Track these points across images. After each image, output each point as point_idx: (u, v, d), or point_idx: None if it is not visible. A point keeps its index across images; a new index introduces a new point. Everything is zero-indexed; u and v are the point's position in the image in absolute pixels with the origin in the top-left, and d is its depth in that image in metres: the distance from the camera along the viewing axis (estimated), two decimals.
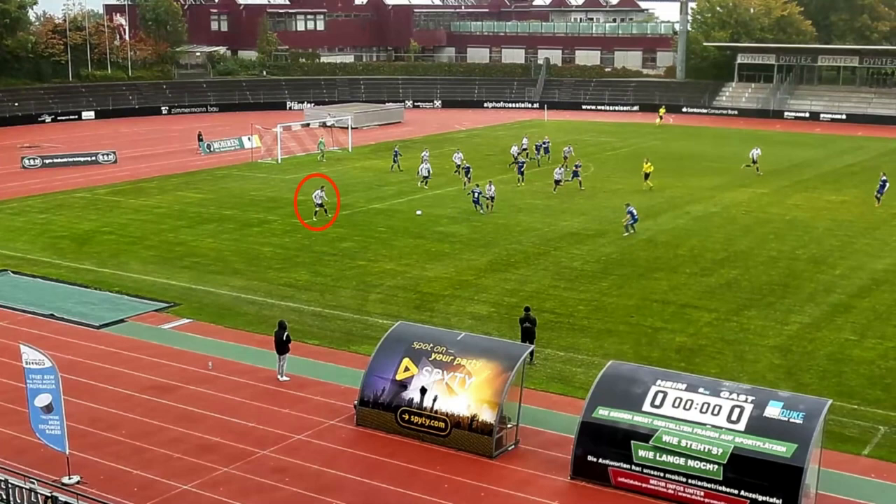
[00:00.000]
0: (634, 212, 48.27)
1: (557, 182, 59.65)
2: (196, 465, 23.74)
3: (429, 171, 61.57)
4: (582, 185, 60.68)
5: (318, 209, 51.36)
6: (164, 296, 37.97)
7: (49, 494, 20.26)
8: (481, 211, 52.81)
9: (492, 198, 53.58)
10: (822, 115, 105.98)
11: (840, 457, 24.16)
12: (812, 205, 56.73)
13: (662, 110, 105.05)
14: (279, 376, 29.28)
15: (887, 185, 57.11)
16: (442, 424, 24.80)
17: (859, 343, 32.97)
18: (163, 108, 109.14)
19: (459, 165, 62.57)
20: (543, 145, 73.26)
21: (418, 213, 52.73)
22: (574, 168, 61.76)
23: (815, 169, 71.01)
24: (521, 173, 62.53)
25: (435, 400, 24.95)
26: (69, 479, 22.58)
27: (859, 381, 29.61)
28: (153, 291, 38.58)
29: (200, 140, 79.59)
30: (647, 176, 61.53)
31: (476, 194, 53.24)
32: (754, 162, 68.30)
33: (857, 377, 29.96)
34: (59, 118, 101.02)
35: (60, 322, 34.94)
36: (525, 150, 72.86)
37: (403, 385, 25.46)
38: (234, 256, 44.27)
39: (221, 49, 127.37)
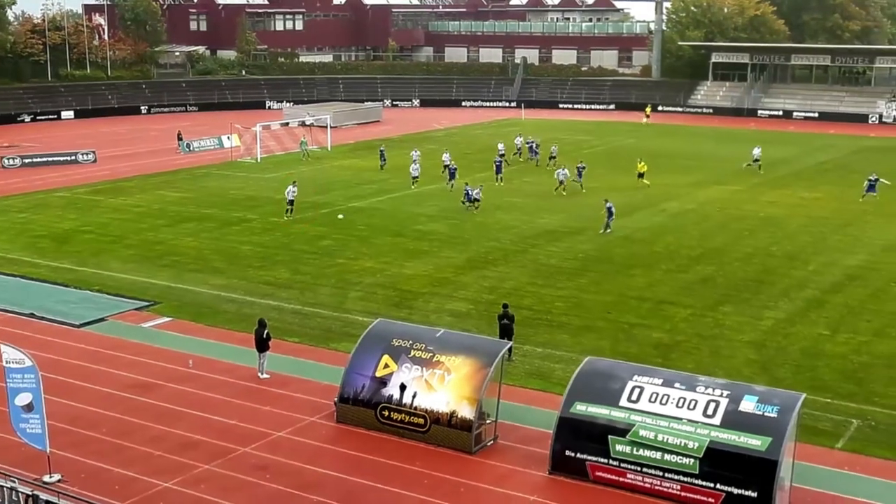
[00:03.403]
0: (612, 208, 48.18)
1: (561, 183, 58.39)
2: (177, 463, 23.64)
3: (418, 171, 61.22)
4: (583, 186, 59.52)
5: (289, 207, 51.15)
6: (145, 294, 37.79)
7: (30, 493, 20.13)
8: (474, 209, 52.46)
9: (477, 199, 53.00)
10: (795, 114, 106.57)
11: (814, 450, 24.30)
12: (786, 202, 57.04)
13: (648, 109, 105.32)
14: (260, 374, 29.21)
15: (877, 184, 57.48)
16: (421, 421, 24.79)
17: (832, 338, 33.17)
18: (142, 108, 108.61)
19: (447, 166, 62.28)
20: (530, 145, 72.95)
21: (340, 216, 51.36)
22: (577, 168, 60.63)
23: (789, 166, 71.39)
24: (500, 172, 62.34)
25: (414, 396, 24.95)
26: (50, 477, 22.45)
27: (832, 376, 29.80)
28: (133, 290, 38.39)
29: (180, 139, 79.25)
30: (641, 175, 61.46)
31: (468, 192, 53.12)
32: (756, 160, 68.23)
33: (831, 371, 30.14)
34: (38, 118, 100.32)
35: (41, 321, 34.71)
36: (520, 149, 72.57)
37: (383, 382, 25.44)
38: (214, 255, 44.11)
39: (200, 49, 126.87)
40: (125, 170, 68.35)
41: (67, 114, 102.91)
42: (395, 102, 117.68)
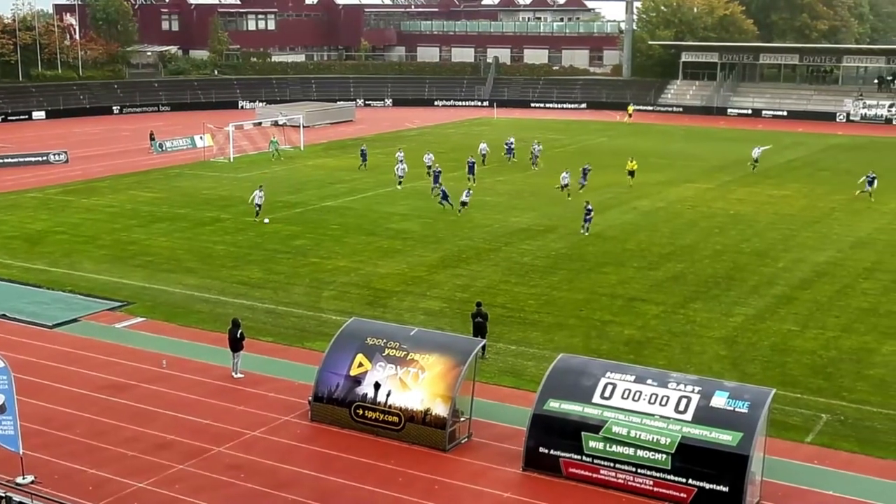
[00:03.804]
0: (591, 208, 47.85)
1: (565, 186, 56.71)
2: (151, 463, 23.52)
3: (404, 171, 60.62)
4: (582, 189, 58.43)
5: (258, 209, 50.61)
6: (118, 295, 37.57)
7: (3, 495, 20.00)
8: (460, 210, 51.66)
9: (464, 203, 51.92)
10: (763, 112, 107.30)
11: (784, 444, 24.49)
12: (755, 199, 57.41)
13: (631, 108, 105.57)
14: (233, 373, 29.11)
15: (876, 181, 57.68)
16: (396, 419, 24.79)
17: (801, 334, 33.42)
18: (114, 108, 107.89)
19: (430, 167, 61.97)
20: (508, 145, 72.55)
21: (266, 221, 50.03)
22: (583, 169, 59.52)
23: (758, 164, 71.76)
24: (472, 172, 61.73)
25: (389, 395, 24.94)
26: (23, 479, 22.28)
27: (802, 371, 30.03)
28: (106, 290, 38.15)
29: (152, 139, 78.79)
30: (631, 174, 61.18)
31: (444, 193, 52.36)
32: (755, 161, 68.31)
33: (800, 367, 30.37)
34: (9, 118, 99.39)
35: (13, 322, 34.42)
36: (513, 150, 72.09)
37: (357, 380, 25.41)
38: (187, 255, 43.90)
39: (173, 49, 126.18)
40: (97, 170, 67.90)
41: (39, 114, 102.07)
42: (367, 102, 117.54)
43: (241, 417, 26.27)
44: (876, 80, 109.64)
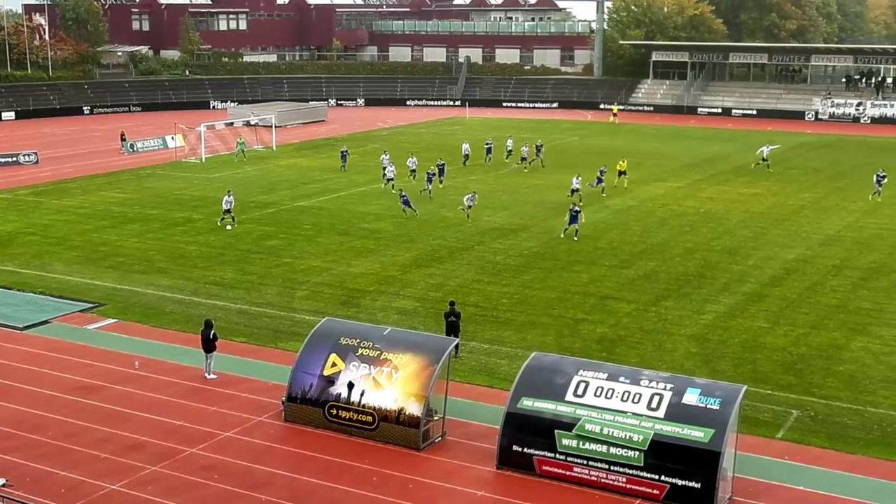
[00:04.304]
0: (579, 210, 47.06)
1: (575, 191, 54.54)
2: (124, 465, 23.38)
3: (393, 173, 59.34)
4: (602, 192, 57.75)
5: (225, 215, 49.16)
6: (89, 296, 37.31)
7: None
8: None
9: (469, 207, 50.71)
10: (733, 111, 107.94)
11: (755, 440, 24.65)
12: (725, 197, 57.74)
13: (615, 108, 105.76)
14: (206, 374, 28.98)
15: (885, 179, 57.44)
16: (370, 418, 24.77)
17: (772, 330, 33.65)
18: (84, 109, 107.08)
19: (414, 170, 61.57)
20: (488, 146, 71.52)
21: (228, 227, 48.21)
22: (599, 174, 58.26)
23: (728, 163, 72.27)
24: (442, 173, 61.19)
25: (362, 394, 24.91)
26: None
27: (772, 367, 30.24)
28: (78, 292, 37.88)
29: (123, 140, 78.27)
30: (622, 173, 60.47)
31: (405, 199, 51.28)
32: (765, 159, 68.18)
33: (770, 363, 30.58)
34: None
35: None
36: (510, 151, 71.14)
37: (331, 380, 25.37)
38: (159, 256, 43.66)
39: (143, 49, 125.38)
40: (68, 171, 67.38)
41: (8, 115, 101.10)
42: (339, 102, 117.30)
43: (214, 418, 26.16)
44: (844, 79, 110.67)
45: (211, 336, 28.76)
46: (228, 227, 48.41)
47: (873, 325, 34.35)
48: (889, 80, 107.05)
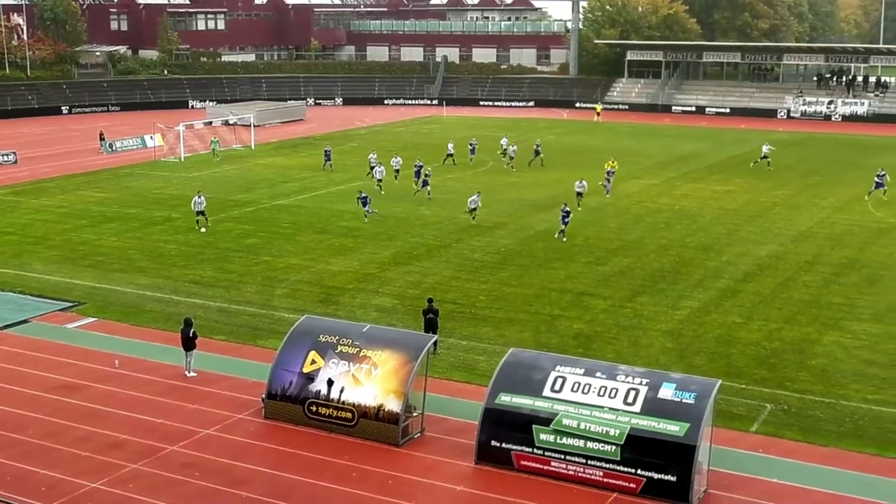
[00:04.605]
0: (569, 211, 46.38)
1: (579, 195, 53.21)
2: (104, 463, 23.27)
3: (382, 174, 58.64)
4: (608, 192, 57.24)
5: (198, 217, 48.28)
6: (69, 295, 37.10)
7: None
8: (366, 219, 49.48)
9: (473, 209, 49.34)
10: (707, 109, 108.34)
11: (729, 434, 24.77)
12: (699, 195, 57.99)
13: (599, 107, 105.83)
14: (186, 372, 28.88)
15: (887, 178, 56.46)
16: (349, 415, 24.75)
17: (745, 325, 33.84)
18: (63, 108, 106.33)
19: (398, 171, 61.23)
20: (472, 146, 70.92)
21: (202, 230, 47.28)
22: (607, 175, 58.09)
23: (702, 160, 72.60)
24: (419, 176, 60.21)
25: (342, 391, 24.89)
26: None
27: (746, 362, 30.41)
28: (57, 291, 37.66)
29: (102, 139, 77.81)
30: (610, 173, 59.44)
31: (363, 200, 50.12)
32: (764, 157, 68.11)
33: (744, 358, 30.76)
34: None
35: None
36: (505, 150, 70.34)
37: (310, 377, 25.33)
38: (138, 254, 43.46)
39: (122, 49, 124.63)
40: (46, 170, 66.93)
41: None
42: (318, 101, 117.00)
43: (194, 416, 26.07)
44: (815, 78, 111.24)
45: (191, 334, 28.65)
46: (203, 229, 47.64)
47: (845, 319, 34.59)
48: (859, 78, 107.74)
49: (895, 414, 26.56)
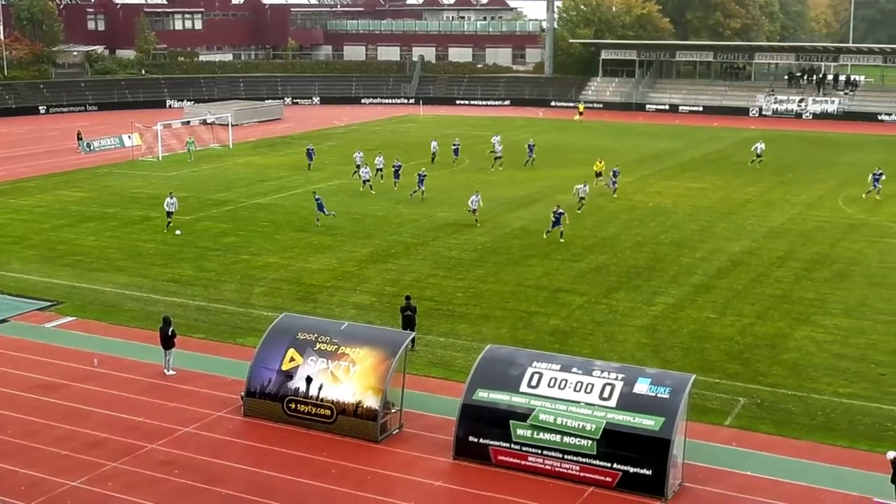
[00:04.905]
0: (562, 212, 45.13)
1: (581, 199, 51.72)
2: (84, 462, 23.14)
3: (368, 174, 58.03)
4: (615, 192, 56.51)
5: (170, 219, 47.56)
6: (47, 295, 36.85)
7: None
8: (318, 223, 48.09)
9: (474, 210, 48.28)
10: (680, 107, 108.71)
11: (704, 428, 24.89)
12: (673, 192, 58.20)
13: (581, 106, 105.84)
14: (166, 371, 28.75)
15: (883, 176, 56.27)
16: (328, 412, 24.71)
17: (719, 321, 34.00)
18: (40, 108, 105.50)
19: (381, 169, 61.05)
20: (455, 147, 70.01)
21: (178, 232, 46.83)
22: (612, 175, 57.34)
23: (675, 158, 72.87)
24: (397, 178, 58.75)
25: (321, 388, 24.84)
26: None
27: (720, 357, 30.56)
28: (36, 290, 37.40)
29: (80, 139, 77.28)
30: (598, 174, 59.56)
31: (318, 203, 48.70)
32: (759, 156, 68.09)
33: (718, 353, 30.91)
34: None
35: None
36: (494, 149, 70.13)
37: (289, 375, 25.28)
38: (116, 254, 43.21)
39: (99, 48, 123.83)
40: (24, 170, 66.41)
41: None
42: (295, 100, 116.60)
43: (173, 414, 25.96)
44: (786, 77, 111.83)
45: (170, 333, 28.52)
46: (178, 231, 46.80)
47: (816, 314, 34.82)
48: (830, 77, 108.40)
49: (866, 407, 26.79)
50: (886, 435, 24.75)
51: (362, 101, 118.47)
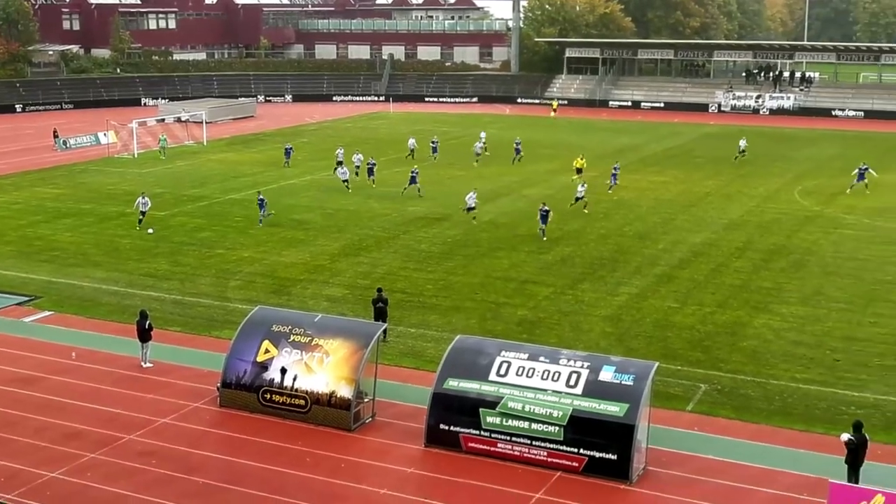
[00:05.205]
0: (548, 209, 44.68)
1: (579, 199, 50.36)
2: (62, 453, 22.96)
3: (346, 174, 56.65)
4: (611, 188, 55.89)
5: (142, 218, 46.57)
6: (25, 289, 36.50)
7: None
8: (261, 224, 46.77)
9: (471, 208, 47.36)
10: (642, 104, 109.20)
11: (666, 413, 25.07)
12: (636, 186, 58.44)
13: (555, 103, 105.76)
14: (143, 363, 28.57)
15: (868, 170, 56.08)
16: (302, 402, 24.66)
17: (681, 310, 34.22)
18: (17, 107, 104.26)
19: (359, 167, 60.63)
20: (434, 145, 69.64)
21: (150, 231, 45.60)
22: (613, 171, 56.95)
23: (638, 153, 73.20)
24: (372, 175, 58.40)
25: (295, 379, 24.78)
26: None
27: (682, 345, 30.76)
28: (13, 286, 37.03)
29: (56, 137, 76.50)
30: (579, 171, 59.32)
31: (260, 202, 47.70)
32: (742, 152, 68.12)
33: (680, 341, 31.11)
34: None
35: None
36: (484, 147, 68.94)
37: (264, 366, 25.20)
38: (93, 249, 42.86)
39: (74, 48, 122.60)
40: (1, 168, 65.63)
41: None
42: (268, 98, 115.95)
43: (151, 405, 25.81)
44: (744, 74, 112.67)
45: (146, 326, 28.34)
46: (150, 230, 45.83)
47: (774, 303, 35.13)
48: (785, 74, 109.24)
49: (821, 391, 27.07)
50: (841, 418, 25.00)
51: (334, 98, 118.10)
